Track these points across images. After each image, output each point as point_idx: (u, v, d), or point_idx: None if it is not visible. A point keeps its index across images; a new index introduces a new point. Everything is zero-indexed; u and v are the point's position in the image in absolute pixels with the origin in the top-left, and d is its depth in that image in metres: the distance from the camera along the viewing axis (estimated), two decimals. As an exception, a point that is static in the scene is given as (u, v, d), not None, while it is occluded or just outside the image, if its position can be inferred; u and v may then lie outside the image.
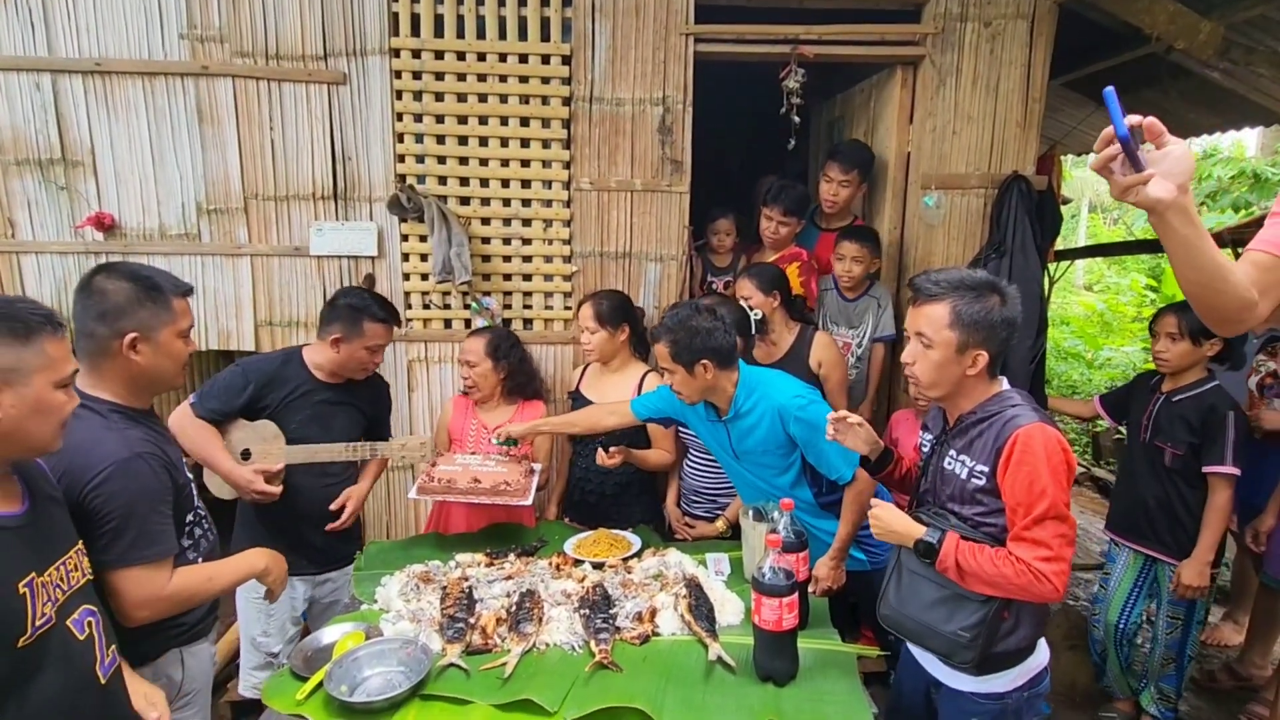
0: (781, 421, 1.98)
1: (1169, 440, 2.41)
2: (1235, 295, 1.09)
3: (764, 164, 4.03)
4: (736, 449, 2.11)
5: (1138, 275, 8.90)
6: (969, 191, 2.95)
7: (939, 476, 1.59)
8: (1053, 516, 1.39)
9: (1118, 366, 7.22)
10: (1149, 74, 3.37)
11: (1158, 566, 2.52)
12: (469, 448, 2.49)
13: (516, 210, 2.89)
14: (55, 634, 1.16)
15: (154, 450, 1.48)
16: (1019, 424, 1.43)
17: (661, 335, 2.00)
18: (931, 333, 1.49)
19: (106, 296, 1.46)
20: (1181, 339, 2.38)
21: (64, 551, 1.24)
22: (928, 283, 1.51)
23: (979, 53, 2.84)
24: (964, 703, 1.56)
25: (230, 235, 2.84)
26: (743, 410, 2.04)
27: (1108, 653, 2.68)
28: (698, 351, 1.95)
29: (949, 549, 1.45)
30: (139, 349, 1.47)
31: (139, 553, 1.40)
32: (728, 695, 1.55)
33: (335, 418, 2.20)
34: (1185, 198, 1.01)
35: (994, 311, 1.46)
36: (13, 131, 2.71)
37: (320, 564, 2.26)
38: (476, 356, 2.46)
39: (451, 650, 1.63)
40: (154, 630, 1.53)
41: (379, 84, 2.77)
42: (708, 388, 2.02)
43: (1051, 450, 1.40)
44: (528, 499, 2.21)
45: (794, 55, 2.81)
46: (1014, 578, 1.40)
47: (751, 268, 2.76)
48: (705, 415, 2.15)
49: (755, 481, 2.12)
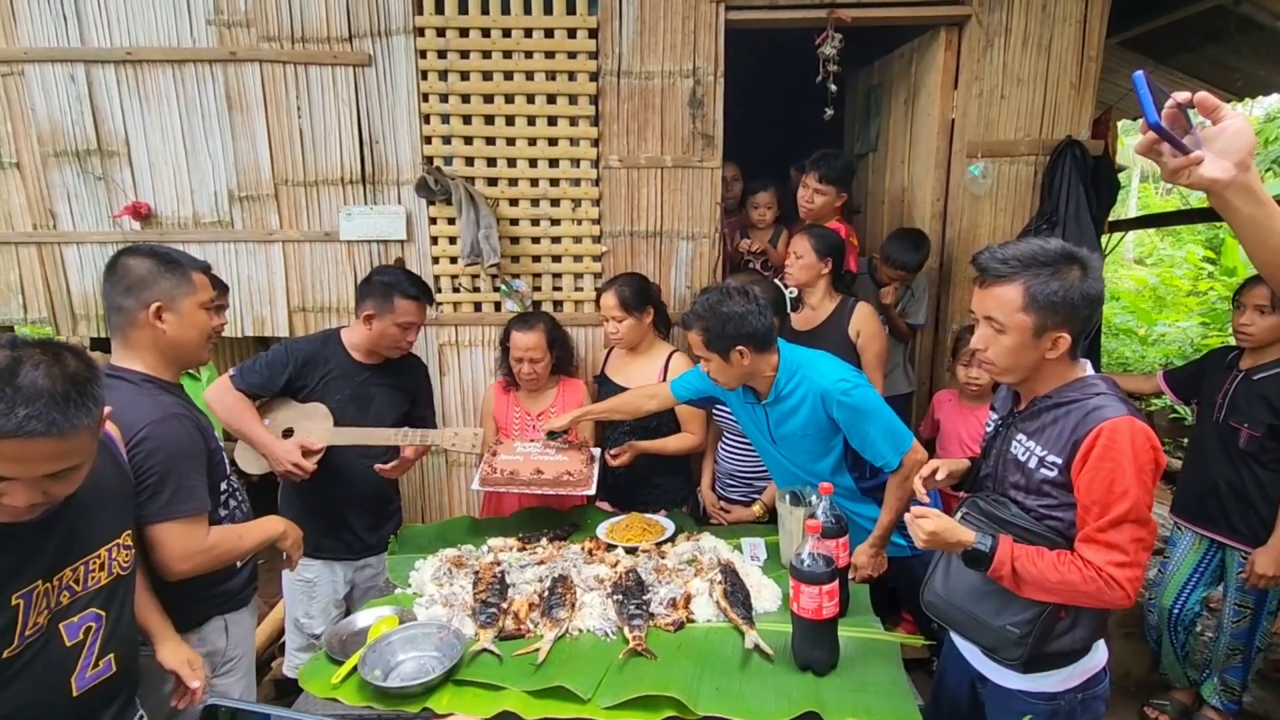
0: (824, 405, 1.90)
1: (1246, 421, 2.27)
2: None
3: (799, 137, 3.90)
4: (775, 433, 2.04)
5: (1194, 247, 8.45)
6: (1018, 159, 2.80)
7: (1002, 461, 1.47)
8: (1133, 520, 1.26)
9: (1173, 342, 6.89)
10: (1216, 28, 3.15)
11: (1225, 552, 2.39)
12: (514, 435, 2.48)
13: (545, 190, 2.84)
14: (39, 641, 1.13)
15: (186, 413, 1.55)
16: (1104, 416, 1.29)
17: (693, 323, 1.92)
18: (1003, 317, 1.35)
19: (131, 271, 1.54)
20: (1273, 312, 2.21)
21: (94, 548, 1.21)
22: (994, 261, 1.36)
23: (1030, 9, 2.67)
24: (1013, 701, 1.46)
25: (262, 222, 2.85)
26: (783, 393, 1.96)
27: (1162, 639, 2.56)
28: (731, 338, 1.87)
29: (1004, 556, 1.33)
30: (164, 318, 1.54)
31: (179, 506, 1.47)
32: (765, 684, 1.50)
33: (373, 399, 2.20)
34: (1247, 175, 0.92)
35: (1074, 287, 1.30)
36: (50, 124, 2.75)
37: (359, 550, 2.28)
38: (540, 351, 2.41)
39: (484, 635, 1.62)
40: (198, 597, 1.60)
41: (404, 64, 2.73)
42: (746, 373, 1.95)
43: (1140, 448, 1.26)
44: (591, 488, 2.18)
45: (830, 20, 2.68)
46: (1081, 584, 1.28)
47: (814, 228, 2.62)
48: (744, 397, 2.08)
49: (791, 467, 2.05)
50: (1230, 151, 0.91)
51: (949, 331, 2.95)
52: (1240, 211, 0.95)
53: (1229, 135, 0.92)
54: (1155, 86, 0.92)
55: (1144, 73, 0.91)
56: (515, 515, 2.39)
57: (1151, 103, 0.90)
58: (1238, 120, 0.93)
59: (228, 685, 1.69)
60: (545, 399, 2.53)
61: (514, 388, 2.55)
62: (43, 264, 2.86)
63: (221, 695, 1.66)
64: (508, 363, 2.50)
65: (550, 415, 2.51)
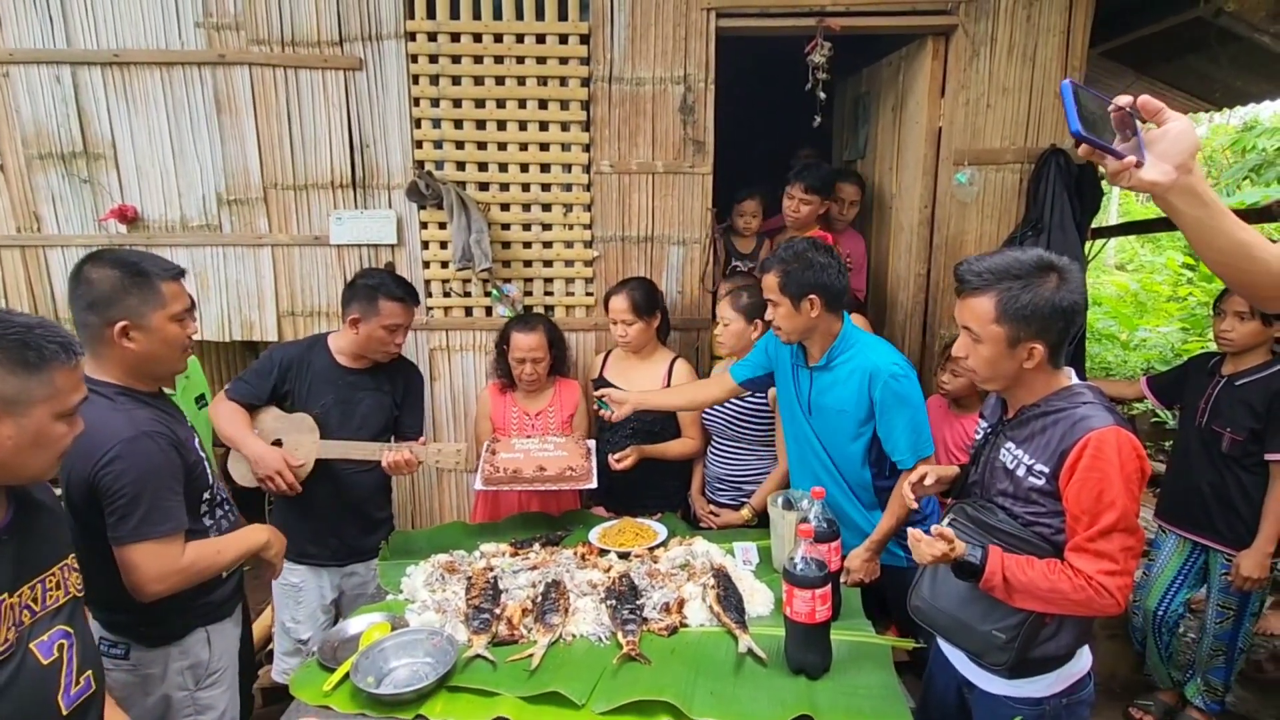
0: (870, 384, 1.91)
1: (1229, 425, 2.30)
2: (1269, 272, 0.99)
3: (788, 143, 3.93)
4: (813, 401, 2.03)
5: (1173, 253, 8.58)
6: (1004, 167, 2.84)
7: (990, 468, 1.49)
8: (1122, 529, 1.28)
9: (1154, 347, 6.99)
10: (1195, 39, 3.21)
11: (1208, 555, 2.43)
12: (512, 434, 2.48)
13: (536, 195, 2.85)
14: (13, 659, 1.10)
15: (161, 429, 1.50)
16: (1091, 426, 1.30)
17: (773, 265, 1.94)
18: (978, 328, 1.37)
19: (94, 286, 1.47)
20: (1251, 318, 2.26)
21: (46, 568, 1.18)
22: (969, 272, 1.38)
23: (1015, 20, 2.72)
24: (998, 706, 1.48)
25: (251, 226, 2.83)
26: (835, 360, 1.97)
27: (1147, 641, 2.60)
28: (808, 285, 1.88)
29: (994, 566, 1.34)
30: (132, 336, 1.48)
31: (151, 528, 1.43)
32: (759, 688, 1.51)
33: (359, 404, 2.19)
34: (1189, 178, 0.92)
35: (1045, 300, 1.31)
36: (35, 125, 2.72)
37: (345, 556, 2.26)
38: (541, 352, 2.44)
39: (478, 641, 1.62)
40: (180, 610, 1.56)
41: (395, 69, 2.73)
42: (809, 327, 1.95)
43: (1126, 458, 1.28)
44: (592, 481, 2.21)
45: (820, 28, 2.71)
46: (1072, 593, 1.30)
47: None
48: (792, 359, 2.08)
49: (816, 446, 2.04)
50: (1172, 154, 0.92)
51: (936, 338, 2.98)
52: (1184, 214, 0.95)
53: (1171, 138, 0.92)
54: (1089, 94, 0.94)
55: (1071, 82, 0.92)
56: (508, 521, 2.38)
57: (1075, 113, 0.91)
58: (1180, 123, 0.93)
59: (212, 697, 1.66)
60: (543, 399, 2.55)
61: (510, 389, 2.55)
62: (26, 268, 2.82)
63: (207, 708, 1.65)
64: (504, 364, 2.50)
65: (548, 415, 2.52)
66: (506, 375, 2.52)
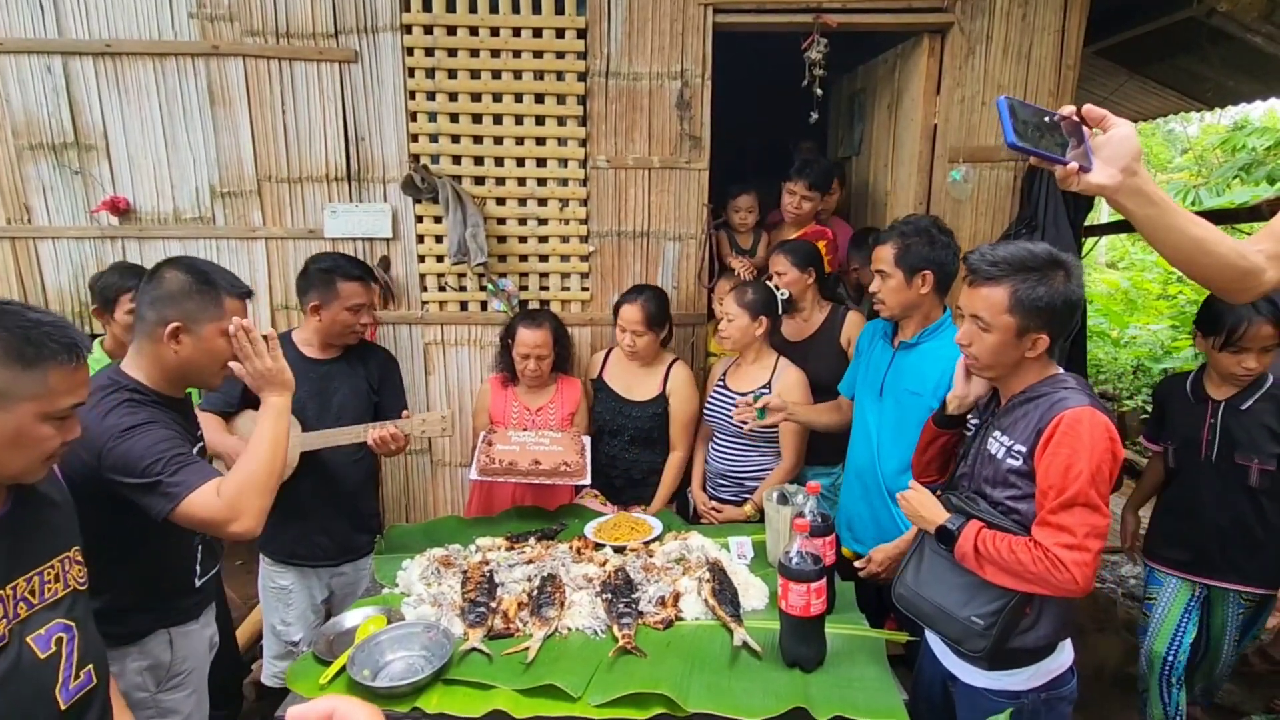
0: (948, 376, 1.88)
1: (1254, 454, 2.05)
2: (1225, 265, 1.06)
3: (784, 139, 3.93)
4: (888, 381, 2.03)
5: (1165, 252, 8.65)
6: (998, 164, 2.85)
7: (979, 459, 1.52)
8: (1083, 504, 1.30)
9: (1144, 345, 7.06)
10: (1187, 39, 3.23)
11: (1212, 591, 2.28)
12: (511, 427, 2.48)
13: (532, 190, 2.84)
14: (7, 653, 1.08)
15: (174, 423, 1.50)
16: (1066, 405, 1.35)
17: (891, 236, 1.95)
18: (989, 316, 1.41)
19: (163, 284, 1.49)
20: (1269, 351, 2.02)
21: (44, 560, 1.16)
22: (984, 263, 1.41)
23: (1010, 18, 2.73)
24: (979, 699, 1.50)
25: (244, 218, 2.81)
26: (925, 343, 1.98)
27: (1150, 694, 2.35)
28: (925, 260, 1.90)
29: (968, 535, 1.40)
30: (180, 339, 1.49)
31: (183, 483, 1.39)
32: (754, 681, 1.52)
33: (334, 393, 2.17)
34: (1134, 179, 0.99)
35: (1058, 293, 1.37)
36: (25, 115, 2.69)
37: (334, 555, 2.25)
38: (546, 348, 2.43)
39: (473, 635, 1.62)
40: (140, 610, 1.55)
41: (391, 62, 2.71)
42: (914, 304, 1.96)
43: (1097, 436, 1.31)
44: (586, 478, 2.23)
45: (817, 25, 2.71)
46: (1031, 564, 1.32)
47: (786, 244, 2.69)
48: (881, 331, 2.08)
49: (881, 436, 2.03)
50: (1116, 158, 0.98)
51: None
52: (1135, 213, 1.01)
53: (1115, 143, 0.98)
54: (1025, 108, 1.00)
55: (1006, 98, 0.99)
56: (503, 515, 2.39)
57: (1011, 126, 0.99)
58: (1123, 128, 0.99)
59: (176, 701, 1.63)
60: (545, 395, 2.55)
61: (512, 383, 2.55)
62: (16, 259, 2.79)
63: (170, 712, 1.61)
64: (507, 359, 2.50)
65: (549, 411, 2.51)
66: (509, 370, 2.52)
